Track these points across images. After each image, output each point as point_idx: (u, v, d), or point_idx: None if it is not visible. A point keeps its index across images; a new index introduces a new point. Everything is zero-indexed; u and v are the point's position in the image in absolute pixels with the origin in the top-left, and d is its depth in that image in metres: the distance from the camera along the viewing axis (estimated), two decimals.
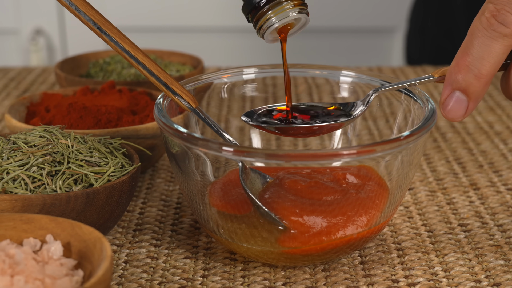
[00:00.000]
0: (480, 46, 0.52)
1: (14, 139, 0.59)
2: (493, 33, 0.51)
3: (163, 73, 0.59)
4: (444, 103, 0.54)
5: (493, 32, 0.51)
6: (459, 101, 0.53)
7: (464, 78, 0.53)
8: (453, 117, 0.54)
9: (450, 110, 0.54)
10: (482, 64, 0.52)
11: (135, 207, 0.67)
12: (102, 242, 0.48)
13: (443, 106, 0.54)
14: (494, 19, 0.51)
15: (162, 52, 0.94)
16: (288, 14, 0.58)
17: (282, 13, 0.58)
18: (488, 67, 0.52)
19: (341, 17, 1.72)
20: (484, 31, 0.52)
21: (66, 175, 0.57)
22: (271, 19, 0.58)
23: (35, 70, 1.08)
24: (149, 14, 1.73)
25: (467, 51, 0.52)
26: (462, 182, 0.72)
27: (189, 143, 0.53)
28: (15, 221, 0.50)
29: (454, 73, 0.53)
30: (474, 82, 0.52)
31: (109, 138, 0.63)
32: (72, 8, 0.58)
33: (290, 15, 0.58)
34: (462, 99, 0.53)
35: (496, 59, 0.52)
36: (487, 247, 0.61)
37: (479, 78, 0.52)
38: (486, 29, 0.52)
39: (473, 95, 0.53)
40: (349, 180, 0.59)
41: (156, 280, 0.56)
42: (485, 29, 0.52)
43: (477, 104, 0.54)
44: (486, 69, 0.52)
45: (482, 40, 0.52)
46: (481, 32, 0.52)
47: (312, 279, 0.56)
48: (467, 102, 0.53)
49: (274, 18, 0.58)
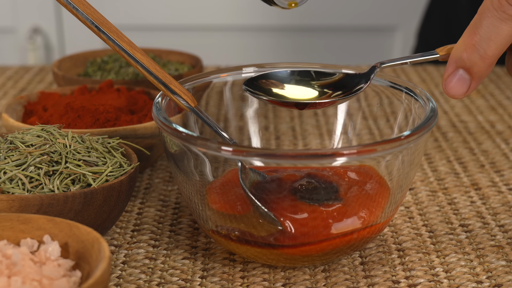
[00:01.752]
0: (489, 26, 0.52)
1: (11, 139, 0.59)
2: (502, 14, 0.51)
3: (161, 72, 0.59)
4: (447, 80, 0.54)
5: (503, 14, 0.51)
6: (462, 80, 0.54)
7: (469, 57, 0.53)
8: (454, 94, 0.54)
9: (452, 88, 0.54)
10: (488, 45, 0.52)
11: (134, 207, 0.67)
12: (100, 243, 0.47)
13: (445, 83, 0.54)
14: (505, 1, 0.51)
15: (160, 50, 0.94)
16: None
17: None
18: (494, 48, 0.52)
19: (341, 16, 1.72)
20: (494, 12, 0.52)
21: (63, 175, 0.56)
22: None
23: (33, 69, 1.08)
24: (147, 13, 1.73)
25: (475, 31, 0.52)
26: (463, 182, 0.72)
27: (188, 142, 0.53)
28: (12, 222, 0.50)
29: (459, 51, 0.53)
30: (478, 62, 0.53)
31: (107, 137, 0.63)
32: (70, 7, 0.58)
33: None
34: (465, 78, 0.54)
35: (503, 41, 0.52)
36: (488, 247, 0.61)
37: (484, 59, 0.53)
38: (496, 10, 0.52)
39: (476, 74, 0.53)
40: (349, 180, 0.59)
41: (155, 281, 0.56)
42: (495, 10, 0.52)
43: (479, 84, 0.54)
44: (492, 50, 0.52)
45: (491, 20, 0.52)
46: (491, 12, 0.52)
47: (312, 280, 0.56)
48: (469, 81, 0.54)
49: None
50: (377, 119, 0.77)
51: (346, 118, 0.68)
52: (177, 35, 1.73)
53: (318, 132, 0.82)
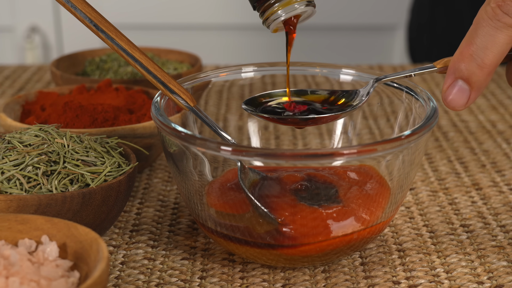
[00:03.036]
0: (485, 35, 0.52)
1: (9, 139, 0.59)
2: (497, 23, 0.52)
3: (160, 71, 0.58)
4: (446, 92, 0.54)
5: (497, 22, 0.52)
6: (461, 90, 0.54)
7: (467, 67, 0.53)
8: (454, 106, 0.54)
9: (452, 99, 0.54)
10: (485, 54, 0.52)
11: (132, 207, 0.67)
12: (98, 243, 0.47)
13: (445, 95, 0.54)
14: (499, 9, 0.52)
15: (159, 50, 0.94)
16: (295, 8, 0.58)
17: (289, 6, 0.58)
18: (492, 57, 0.52)
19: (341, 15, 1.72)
20: (489, 21, 0.52)
21: (62, 175, 0.56)
22: (278, 11, 0.58)
23: (30, 68, 1.08)
24: (146, 12, 1.73)
25: (471, 41, 0.53)
26: (464, 182, 0.72)
27: (187, 142, 0.53)
28: (10, 222, 0.50)
29: (457, 62, 0.53)
30: (477, 71, 0.53)
31: (105, 137, 0.63)
32: (68, 5, 0.58)
33: (297, 8, 0.58)
34: (464, 89, 0.54)
35: (500, 50, 0.52)
36: (489, 248, 0.60)
37: (482, 68, 0.53)
38: (491, 19, 0.52)
39: (475, 84, 0.53)
40: (349, 180, 0.59)
41: (154, 282, 0.56)
42: (490, 19, 0.52)
43: (479, 94, 0.54)
44: (489, 59, 0.52)
45: (487, 30, 0.52)
46: (486, 21, 0.52)
47: (312, 281, 0.56)
48: (469, 91, 0.54)
49: (281, 11, 0.58)
50: (378, 119, 0.77)
51: (346, 118, 0.68)
52: (176, 34, 1.73)
53: (318, 132, 0.82)
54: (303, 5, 0.58)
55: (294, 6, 0.58)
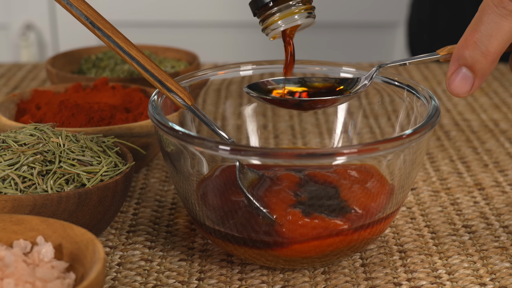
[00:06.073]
0: (489, 23, 0.53)
1: (4, 138, 0.59)
2: (503, 10, 0.52)
3: (157, 69, 0.58)
4: (450, 79, 0.55)
5: (503, 10, 0.52)
6: (465, 78, 0.54)
7: (471, 54, 0.54)
8: (458, 93, 0.55)
9: (456, 86, 0.55)
10: (490, 42, 0.53)
11: (129, 207, 0.67)
12: (94, 244, 0.47)
13: (449, 82, 0.55)
14: None
15: (156, 47, 0.94)
16: (295, 19, 0.60)
17: (290, 17, 0.59)
18: (496, 45, 0.53)
19: (341, 12, 1.72)
20: (494, 8, 0.52)
21: (57, 174, 0.56)
22: (277, 22, 0.60)
23: (26, 66, 1.09)
24: (143, 9, 1.73)
25: (476, 28, 0.53)
26: (466, 182, 0.72)
27: (184, 141, 0.53)
28: (4, 222, 0.50)
29: (461, 49, 0.54)
30: (481, 59, 0.53)
31: (101, 136, 0.63)
32: (64, 3, 0.58)
33: (297, 20, 0.60)
34: (468, 76, 0.54)
35: (504, 37, 0.53)
36: (492, 249, 0.60)
37: (486, 55, 0.53)
38: (496, 6, 0.52)
39: (479, 72, 0.54)
40: (349, 179, 0.58)
41: (151, 283, 0.56)
42: (495, 6, 0.52)
43: (483, 81, 0.55)
44: (493, 46, 0.53)
45: (492, 17, 0.53)
46: (491, 9, 0.52)
47: (312, 282, 0.56)
48: (472, 79, 0.54)
49: (281, 21, 0.59)
50: (378, 118, 0.77)
51: (347, 117, 0.68)
52: (174, 31, 1.73)
53: (318, 131, 0.82)
54: (303, 17, 0.60)
55: (294, 17, 0.59)
